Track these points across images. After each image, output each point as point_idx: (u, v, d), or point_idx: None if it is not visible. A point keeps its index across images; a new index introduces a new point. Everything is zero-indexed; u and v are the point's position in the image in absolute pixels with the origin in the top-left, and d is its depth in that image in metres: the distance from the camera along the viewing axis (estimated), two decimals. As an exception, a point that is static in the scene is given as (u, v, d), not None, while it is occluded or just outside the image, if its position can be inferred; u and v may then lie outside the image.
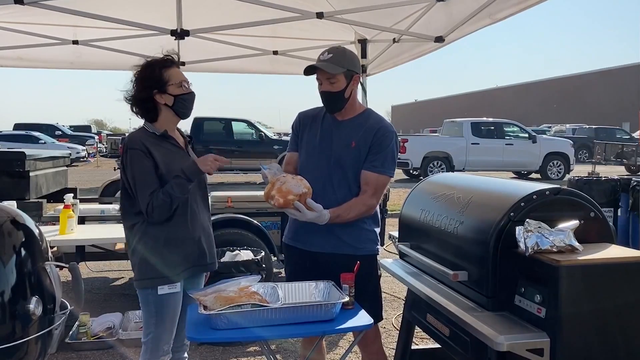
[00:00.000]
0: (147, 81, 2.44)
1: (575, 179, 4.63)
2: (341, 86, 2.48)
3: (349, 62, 2.50)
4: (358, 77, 2.54)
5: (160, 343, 2.46)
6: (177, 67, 2.51)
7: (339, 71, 2.45)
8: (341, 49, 2.55)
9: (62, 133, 28.87)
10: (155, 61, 2.48)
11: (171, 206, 2.36)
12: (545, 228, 1.99)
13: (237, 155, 15.99)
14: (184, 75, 2.53)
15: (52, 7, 3.72)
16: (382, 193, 2.56)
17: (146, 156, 2.36)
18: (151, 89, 2.44)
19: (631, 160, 18.62)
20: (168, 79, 2.43)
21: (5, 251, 2.21)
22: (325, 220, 2.38)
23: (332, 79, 2.46)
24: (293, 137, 2.74)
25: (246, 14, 4.05)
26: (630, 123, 34.18)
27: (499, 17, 3.44)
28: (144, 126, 2.50)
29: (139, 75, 2.47)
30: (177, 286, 2.43)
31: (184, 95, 2.47)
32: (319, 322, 2.08)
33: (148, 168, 2.36)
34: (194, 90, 2.53)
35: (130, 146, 2.39)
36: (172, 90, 2.43)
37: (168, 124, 2.50)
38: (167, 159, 2.41)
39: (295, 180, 2.35)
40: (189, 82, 2.53)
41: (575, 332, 1.88)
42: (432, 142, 17.73)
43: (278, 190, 2.32)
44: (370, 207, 2.52)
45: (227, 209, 5.03)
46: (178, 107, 2.46)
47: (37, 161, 5.32)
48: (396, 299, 5.09)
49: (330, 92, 2.49)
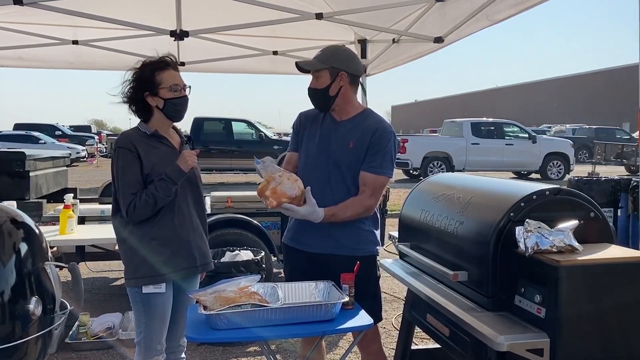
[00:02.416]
0: (139, 82, 2.45)
1: (575, 179, 4.62)
2: (324, 83, 2.48)
3: (335, 59, 2.49)
4: (344, 75, 2.49)
5: (152, 342, 2.48)
6: (173, 70, 2.48)
7: (319, 67, 2.46)
8: (334, 47, 2.56)
9: (62, 133, 28.86)
10: (149, 63, 2.47)
11: (154, 207, 2.37)
12: (545, 228, 1.99)
13: (237, 155, 16.00)
14: (181, 78, 2.50)
15: (51, 7, 3.72)
16: (380, 194, 2.55)
17: (133, 156, 2.38)
18: (142, 91, 2.45)
19: (631, 160, 18.60)
20: (160, 81, 2.42)
21: (5, 251, 2.21)
22: (319, 217, 2.38)
23: (317, 75, 2.48)
24: (294, 136, 2.73)
25: (246, 14, 4.05)
26: (630, 123, 34.18)
27: (497, 19, 3.44)
28: (138, 125, 2.52)
29: (133, 75, 2.47)
30: (163, 287, 2.44)
31: (175, 99, 2.45)
32: (318, 322, 2.08)
33: (133, 168, 2.38)
34: (187, 95, 2.50)
35: (118, 144, 2.43)
36: (162, 93, 2.43)
37: (160, 125, 2.50)
38: (155, 159, 2.42)
39: (290, 181, 2.34)
40: (185, 86, 2.50)
41: (575, 332, 1.88)
42: (432, 142, 17.73)
43: (272, 191, 2.32)
44: (367, 207, 2.51)
45: (227, 209, 5.03)
46: (168, 110, 2.46)
47: (37, 161, 5.32)
48: (396, 299, 5.09)
49: (315, 89, 2.51)
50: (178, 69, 2.53)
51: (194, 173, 2.55)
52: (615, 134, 25.87)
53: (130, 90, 2.47)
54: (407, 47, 4.66)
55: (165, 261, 2.43)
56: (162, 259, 2.43)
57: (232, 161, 15.92)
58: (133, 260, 2.44)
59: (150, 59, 2.49)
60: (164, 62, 2.46)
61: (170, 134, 2.56)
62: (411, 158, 16.42)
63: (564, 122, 33.67)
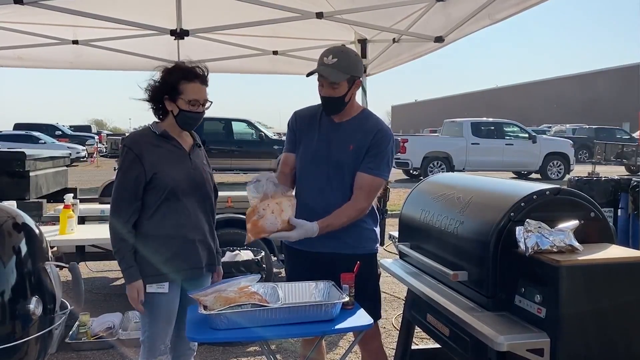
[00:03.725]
0: (162, 85, 2.46)
1: (575, 179, 4.62)
2: (343, 91, 2.46)
3: (352, 67, 2.47)
4: (360, 81, 2.52)
5: (156, 342, 2.48)
6: (200, 84, 2.44)
7: (344, 78, 2.43)
8: (345, 51, 2.51)
9: (62, 133, 28.86)
10: (179, 69, 2.45)
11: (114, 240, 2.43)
12: (545, 228, 1.99)
13: (237, 155, 16.00)
14: (204, 93, 2.46)
15: (52, 7, 3.71)
16: (375, 196, 2.54)
17: (136, 163, 2.40)
18: (163, 93, 2.46)
19: (631, 160, 18.61)
20: (182, 91, 2.41)
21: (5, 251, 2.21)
22: (314, 232, 2.37)
23: (334, 84, 2.43)
24: (290, 136, 2.69)
25: (246, 14, 4.05)
26: (630, 123, 34.18)
27: (498, 18, 3.44)
28: (149, 125, 2.54)
29: (162, 74, 2.47)
30: (165, 286, 2.44)
31: (190, 112, 2.44)
32: (319, 322, 2.08)
33: (131, 173, 2.40)
34: (203, 111, 2.47)
35: (124, 142, 2.47)
36: (180, 103, 2.43)
37: (172, 128, 2.51)
38: (156, 158, 2.42)
39: (274, 215, 2.31)
40: (205, 103, 2.47)
41: (575, 332, 1.88)
42: (432, 142, 17.74)
43: (253, 224, 2.30)
44: (361, 210, 2.50)
45: (227, 208, 5.03)
46: (180, 119, 2.47)
47: (37, 161, 5.33)
48: (396, 299, 5.09)
49: (332, 98, 2.47)
50: (206, 82, 2.49)
51: (203, 177, 2.56)
52: (615, 134, 25.88)
53: (154, 87, 2.48)
54: (407, 47, 4.66)
55: (167, 261, 2.43)
56: (163, 259, 2.43)
57: (232, 161, 15.91)
58: (136, 259, 2.43)
59: (183, 64, 2.47)
60: (193, 74, 2.43)
61: (183, 136, 2.56)
62: (411, 158, 16.43)
63: (564, 122, 33.66)
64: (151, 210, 2.43)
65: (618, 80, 37.28)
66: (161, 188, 2.41)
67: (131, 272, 2.39)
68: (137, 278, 2.39)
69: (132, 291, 2.40)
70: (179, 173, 2.45)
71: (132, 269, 2.39)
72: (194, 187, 2.51)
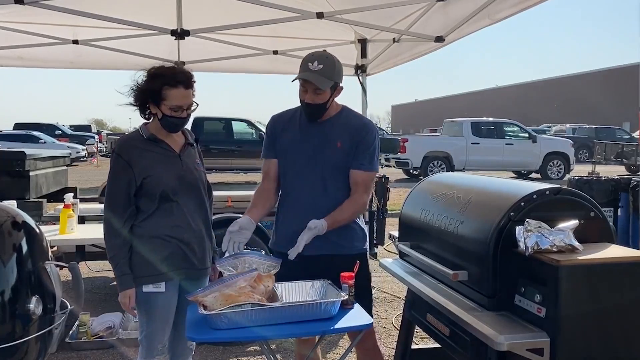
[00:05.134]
0: (146, 90, 2.45)
1: (575, 178, 4.62)
2: (326, 97, 2.48)
3: (337, 73, 2.48)
4: (341, 88, 2.54)
5: (153, 342, 2.49)
6: (183, 89, 2.41)
7: (329, 85, 2.44)
8: (330, 57, 2.50)
9: (62, 133, 28.87)
10: (161, 74, 2.42)
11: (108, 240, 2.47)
12: (545, 228, 1.99)
13: (237, 155, 16.00)
14: (188, 98, 2.44)
15: (52, 7, 3.71)
16: (371, 188, 2.64)
17: (126, 169, 2.41)
18: (147, 97, 2.46)
19: (631, 160, 18.59)
20: (165, 97, 2.40)
21: (5, 251, 2.21)
22: (324, 229, 2.39)
23: (319, 91, 2.44)
24: (269, 142, 2.67)
25: (246, 14, 4.05)
26: (630, 123, 34.17)
27: (498, 18, 3.45)
28: (139, 128, 2.55)
29: (145, 79, 2.46)
30: (162, 286, 2.45)
31: (173, 118, 2.44)
32: (318, 320, 2.08)
33: (120, 180, 2.42)
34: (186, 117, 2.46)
35: (114, 148, 2.50)
36: (164, 108, 2.42)
37: (158, 130, 2.51)
38: (146, 162, 2.43)
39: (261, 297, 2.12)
40: (190, 107, 2.46)
41: (575, 332, 1.88)
42: (432, 142, 17.75)
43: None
44: (363, 205, 2.57)
45: (227, 208, 5.02)
46: (164, 124, 2.47)
47: (37, 161, 5.33)
48: (396, 299, 5.08)
49: (315, 104, 2.48)
50: (191, 85, 2.46)
51: (195, 177, 2.56)
52: (615, 134, 25.88)
53: (138, 89, 2.48)
54: (407, 47, 4.66)
55: (163, 260, 2.45)
56: (159, 258, 2.44)
57: (232, 161, 15.92)
58: (132, 259, 2.45)
59: (164, 69, 2.45)
60: (176, 80, 2.40)
61: (173, 137, 2.56)
62: (411, 158, 16.45)
63: (564, 122, 33.66)
64: (146, 213, 2.46)
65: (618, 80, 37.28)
66: (153, 192, 2.43)
67: (125, 279, 2.42)
68: (130, 286, 2.42)
69: (124, 298, 2.44)
70: (170, 176, 2.46)
71: (126, 276, 2.42)
72: (186, 188, 2.52)
